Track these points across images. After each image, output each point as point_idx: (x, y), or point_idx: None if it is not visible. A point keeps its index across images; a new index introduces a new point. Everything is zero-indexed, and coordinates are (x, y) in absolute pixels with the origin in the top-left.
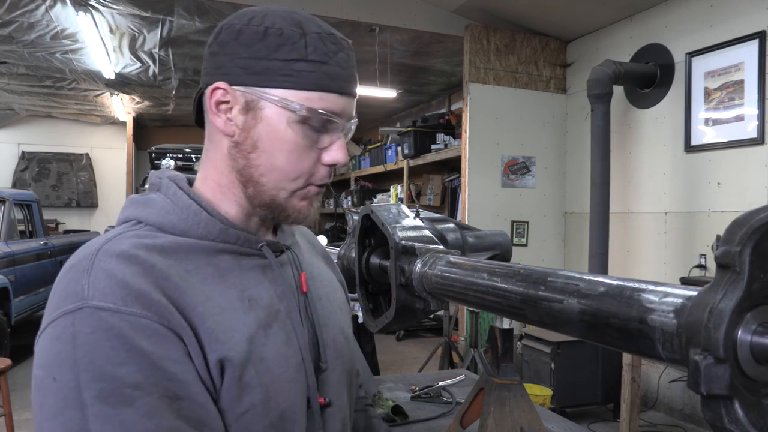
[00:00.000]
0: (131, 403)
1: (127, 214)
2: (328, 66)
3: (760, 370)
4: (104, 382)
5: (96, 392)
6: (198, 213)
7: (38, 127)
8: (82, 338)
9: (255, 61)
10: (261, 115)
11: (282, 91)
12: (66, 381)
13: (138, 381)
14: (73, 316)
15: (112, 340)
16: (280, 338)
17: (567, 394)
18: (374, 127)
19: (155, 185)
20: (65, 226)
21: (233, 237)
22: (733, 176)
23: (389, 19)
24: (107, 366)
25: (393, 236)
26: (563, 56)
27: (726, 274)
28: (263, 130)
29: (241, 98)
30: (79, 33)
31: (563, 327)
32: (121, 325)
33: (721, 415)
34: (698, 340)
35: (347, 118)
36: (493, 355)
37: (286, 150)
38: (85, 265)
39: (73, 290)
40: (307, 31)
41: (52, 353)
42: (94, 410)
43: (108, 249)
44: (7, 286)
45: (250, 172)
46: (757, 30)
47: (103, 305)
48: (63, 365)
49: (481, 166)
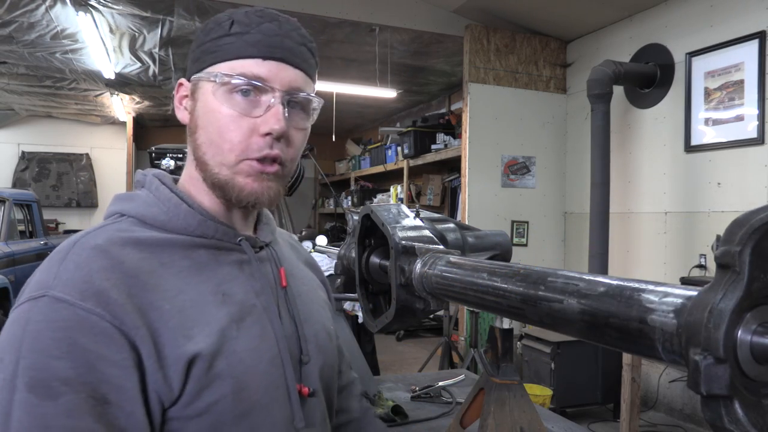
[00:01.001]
0: (56, 398)
1: (112, 209)
2: (249, 35)
3: (760, 370)
4: (37, 371)
5: (27, 380)
6: (178, 205)
7: (38, 127)
8: (32, 325)
9: (196, 49)
10: (198, 95)
11: (210, 68)
12: (8, 363)
13: (69, 377)
14: (34, 303)
15: (57, 332)
16: (253, 332)
17: (567, 394)
18: (374, 127)
19: (140, 182)
20: (65, 226)
21: (212, 229)
22: (733, 176)
23: (389, 19)
24: (45, 357)
25: (393, 236)
26: (563, 56)
27: (726, 274)
28: (200, 108)
29: (190, 86)
30: (79, 33)
31: (563, 327)
32: (71, 318)
33: (721, 415)
34: (698, 340)
35: (282, 85)
36: (493, 355)
37: (216, 121)
38: (61, 256)
39: (43, 279)
40: (236, 13)
41: (7, 335)
42: (21, 397)
43: (84, 242)
44: (7, 286)
45: (198, 154)
46: (757, 30)
47: (61, 296)
48: (11, 348)
49: (481, 166)
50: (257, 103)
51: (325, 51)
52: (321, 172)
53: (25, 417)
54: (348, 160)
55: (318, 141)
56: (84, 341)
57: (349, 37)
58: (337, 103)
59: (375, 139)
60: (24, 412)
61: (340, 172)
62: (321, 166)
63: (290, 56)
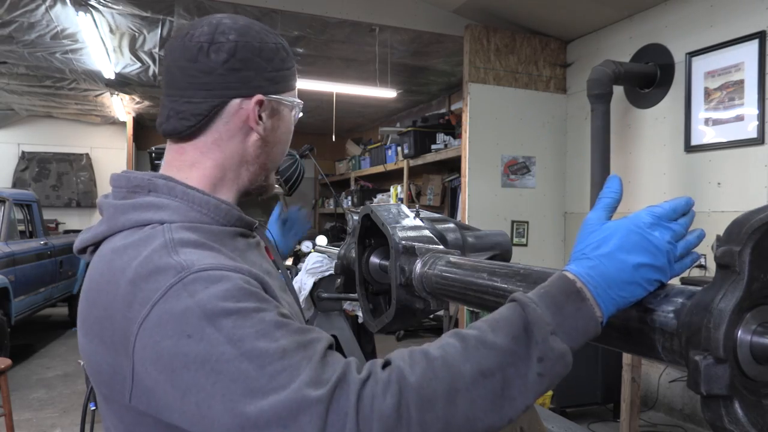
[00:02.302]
0: (259, 313)
1: (136, 218)
2: (294, 68)
3: (760, 370)
4: (232, 315)
5: (231, 323)
6: (218, 205)
7: (38, 127)
8: (198, 296)
9: (276, 72)
10: (282, 115)
11: (286, 95)
12: (200, 330)
13: (259, 306)
14: (181, 284)
15: (225, 286)
16: (289, 300)
17: (567, 394)
18: (374, 127)
19: (143, 187)
20: (65, 226)
21: (244, 222)
22: (733, 176)
23: (389, 19)
24: (230, 304)
25: (393, 236)
26: (563, 56)
27: (726, 274)
28: (283, 127)
29: (269, 105)
30: (79, 33)
31: None
32: (227, 278)
33: (721, 415)
34: (698, 340)
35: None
36: None
37: (288, 139)
38: (166, 253)
39: (170, 267)
40: (282, 43)
41: (174, 318)
42: (236, 335)
43: (179, 239)
44: (7, 286)
45: (269, 165)
46: (757, 30)
47: (205, 267)
48: (190, 320)
49: (481, 166)
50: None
51: (325, 51)
52: (321, 172)
53: (256, 342)
54: (348, 160)
55: (318, 141)
56: (249, 288)
57: (349, 37)
58: (337, 103)
59: (375, 139)
60: (251, 339)
61: (340, 172)
62: (321, 166)
63: None
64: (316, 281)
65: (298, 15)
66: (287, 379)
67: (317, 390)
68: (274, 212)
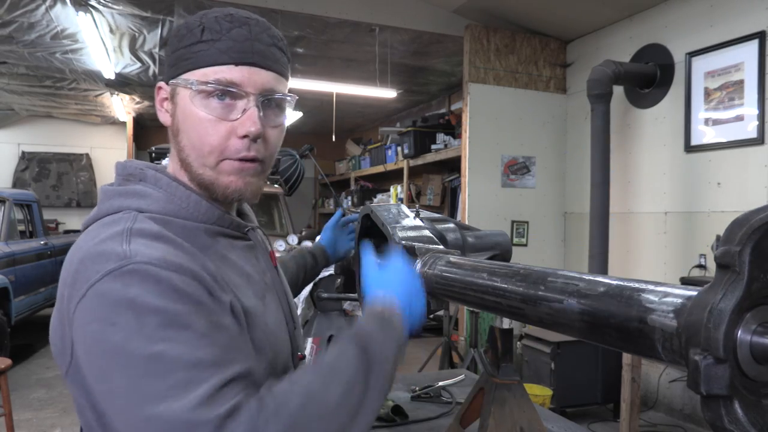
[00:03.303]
0: (188, 327)
1: (119, 204)
2: (221, 42)
3: (760, 370)
4: (161, 314)
5: (156, 323)
6: (198, 202)
7: (38, 127)
8: (134, 288)
9: (170, 55)
10: (177, 100)
11: (186, 74)
12: (126, 321)
13: (191, 311)
14: (120, 271)
15: (160, 285)
16: (273, 306)
17: (567, 394)
18: (374, 127)
19: (135, 176)
20: (65, 226)
21: (227, 221)
22: (733, 176)
23: (389, 19)
24: (161, 303)
25: (393, 236)
26: (563, 56)
27: (726, 274)
28: (180, 113)
29: (168, 90)
30: (79, 33)
31: (563, 327)
32: (168, 275)
33: (721, 415)
34: (698, 340)
35: (255, 88)
36: (493, 355)
37: (195, 126)
38: (121, 239)
39: (115, 254)
40: (207, 18)
41: (105, 304)
42: (158, 335)
43: (139, 228)
44: (7, 286)
45: (182, 156)
46: (757, 30)
47: (147, 261)
48: (119, 310)
49: (481, 166)
50: (233, 107)
51: (325, 51)
52: (321, 172)
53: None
54: (348, 160)
55: (318, 141)
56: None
57: (349, 37)
58: (337, 103)
59: (375, 139)
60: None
61: (340, 172)
62: (321, 166)
63: (261, 59)
64: (316, 281)
65: (298, 15)
66: (186, 391)
67: (210, 411)
68: (334, 216)
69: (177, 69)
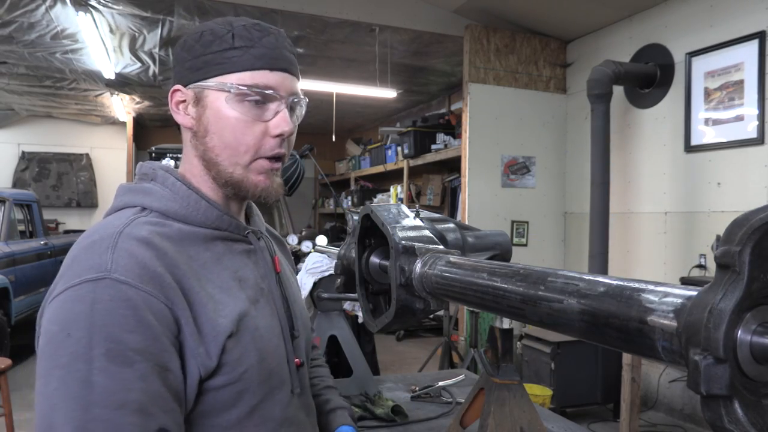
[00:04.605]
0: (131, 365)
1: (128, 200)
2: (255, 48)
3: (760, 370)
4: (113, 343)
5: (104, 350)
6: (198, 201)
7: (38, 127)
8: (101, 304)
9: (195, 60)
10: (206, 103)
11: (218, 78)
12: (79, 337)
13: (140, 347)
14: (95, 284)
15: (127, 310)
16: (266, 311)
17: (567, 394)
18: (374, 127)
19: (148, 175)
20: (65, 226)
21: (226, 223)
22: (733, 176)
23: (389, 19)
24: (118, 330)
25: (393, 236)
26: (563, 56)
27: (726, 274)
28: (211, 115)
29: (191, 94)
30: (79, 33)
31: (563, 327)
32: (137, 298)
33: (721, 415)
34: (698, 340)
35: (286, 92)
36: (493, 355)
37: (230, 127)
38: (109, 243)
39: (96, 263)
40: (234, 25)
41: (71, 313)
42: (100, 365)
43: (130, 232)
44: (7, 286)
45: (209, 156)
46: (757, 30)
47: (123, 279)
48: (79, 324)
49: (481, 166)
50: (266, 109)
51: (325, 51)
52: (321, 172)
53: (107, 381)
54: (348, 160)
55: (318, 141)
56: (149, 317)
57: (349, 37)
58: (337, 103)
59: (375, 139)
60: (105, 377)
61: (340, 172)
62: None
63: (289, 65)
64: (316, 281)
65: (298, 15)
66: (102, 430)
67: None
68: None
69: (205, 73)
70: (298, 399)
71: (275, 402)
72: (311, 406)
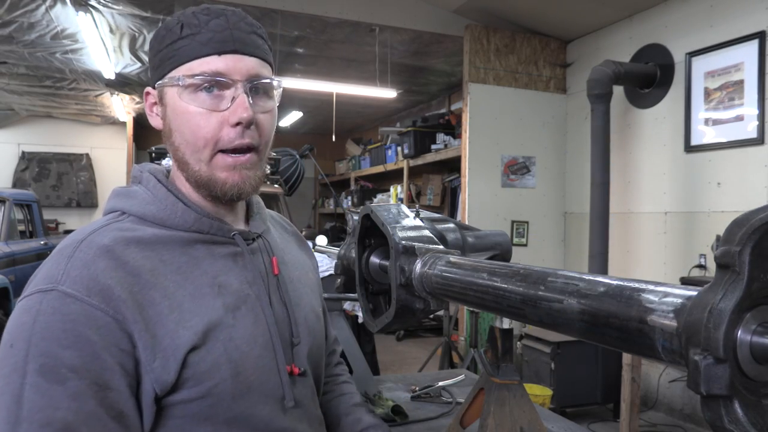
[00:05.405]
0: (63, 382)
1: (112, 205)
2: (200, 35)
3: (760, 370)
4: (47, 358)
5: (38, 366)
6: (175, 204)
7: (38, 127)
8: (42, 317)
9: (154, 58)
10: (166, 101)
11: (172, 72)
12: (19, 349)
13: (75, 365)
14: (43, 295)
15: (66, 324)
16: (248, 319)
17: (567, 394)
18: (374, 127)
19: (137, 178)
20: (65, 226)
21: (207, 225)
22: (733, 176)
23: (389, 19)
24: (54, 345)
25: (393, 236)
26: (563, 56)
27: (726, 274)
28: (170, 112)
29: (156, 94)
30: (79, 33)
31: (563, 327)
32: (78, 312)
33: (721, 415)
34: (698, 340)
35: (242, 75)
36: (493, 355)
37: (187, 121)
38: (69, 252)
39: (52, 273)
40: (184, 15)
41: (18, 323)
42: (32, 380)
43: (91, 240)
44: (7, 286)
45: (178, 156)
46: (757, 30)
47: (70, 292)
48: (21, 335)
49: (481, 166)
50: (222, 98)
51: (325, 51)
52: (321, 172)
53: (36, 398)
54: (348, 160)
55: (318, 141)
56: (89, 333)
57: (349, 37)
58: (337, 103)
59: (375, 139)
60: (35, 393)
61: (340, 172)
62: (321, 166)
63: (243, 46)
64: None
65: (298, 15)
66: None
67: None
68: None
69: (162, 70)
70: (298, 410)
71: (259, 417)
72: (317, 417)
